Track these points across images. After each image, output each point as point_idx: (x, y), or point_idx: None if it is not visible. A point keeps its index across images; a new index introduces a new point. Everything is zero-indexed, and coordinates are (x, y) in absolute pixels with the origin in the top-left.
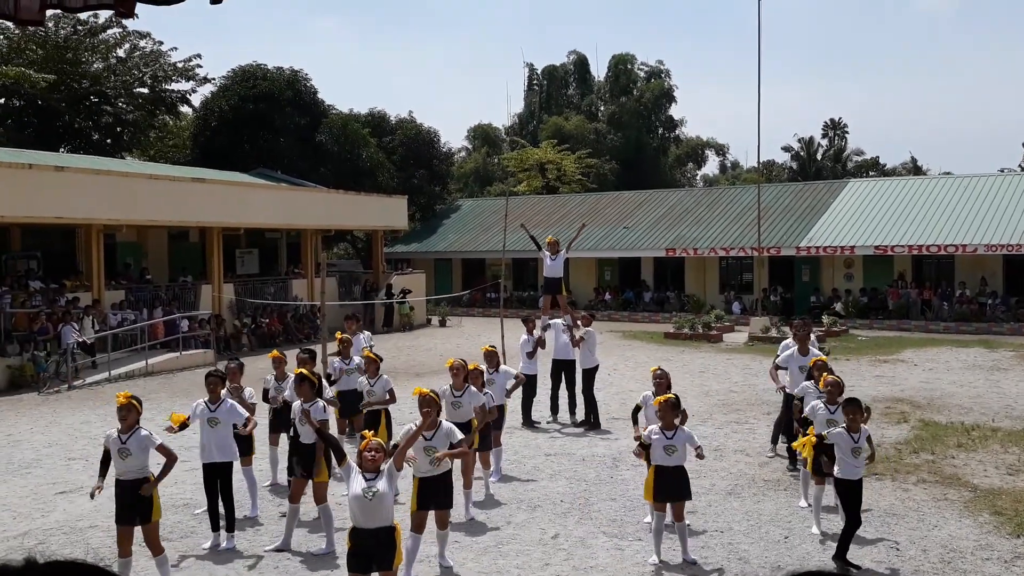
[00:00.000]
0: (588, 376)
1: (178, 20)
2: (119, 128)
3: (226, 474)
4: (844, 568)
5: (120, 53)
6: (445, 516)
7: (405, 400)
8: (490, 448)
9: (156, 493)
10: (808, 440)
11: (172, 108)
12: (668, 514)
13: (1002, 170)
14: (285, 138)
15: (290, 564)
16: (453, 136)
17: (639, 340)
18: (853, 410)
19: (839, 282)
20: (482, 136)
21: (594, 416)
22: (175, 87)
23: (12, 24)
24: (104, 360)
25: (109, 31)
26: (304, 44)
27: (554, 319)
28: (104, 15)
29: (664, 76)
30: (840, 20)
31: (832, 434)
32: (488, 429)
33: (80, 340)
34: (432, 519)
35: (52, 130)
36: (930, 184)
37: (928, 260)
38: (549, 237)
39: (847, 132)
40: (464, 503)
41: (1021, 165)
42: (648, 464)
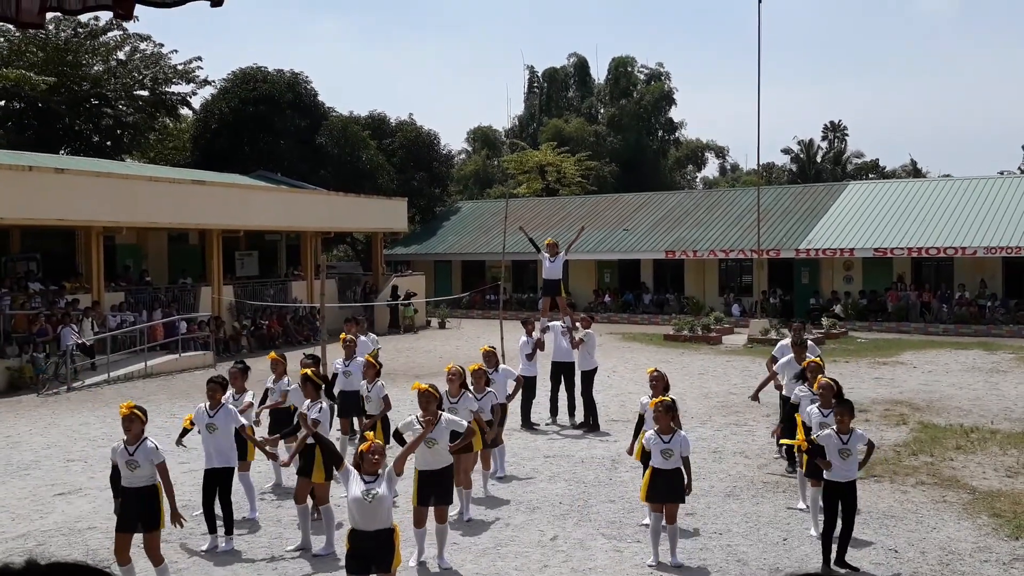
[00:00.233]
0: (587, 378)
1: (178, 22)
2: (119, 130)
3: (225, 479)
4: (847, 571)
5: (120, 55)
6: (444, 512)
7: (406, 401)
8: (490, 448)
9: (163, 498)
10: (799, 442)
11: (172, 110)
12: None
13: (1002, 172)
14: (285, 140)
15: (290, 564)
16: (453, 138)
17: (638, 342)
18: (842, 411)
19: (838, 284)
20: (482, 138)
21: (593, 418)
22: (175, 89)
23: (12, 26)
24: (103, 362)
25: (110, 34)
26: (304, 46)
27: (553, 321)
28: (104, 17)
29: (664, 78)
30: (840, 22)
31: (820, 436)
32: (489, 428)
33: (79, 342)
34: (431, 515)
35: (52, 132)
36: (930, 186)
37: (927, 262)
38: (548, 239)
39: (847, 134)
40: (462, 502)
41: (1021, 168)
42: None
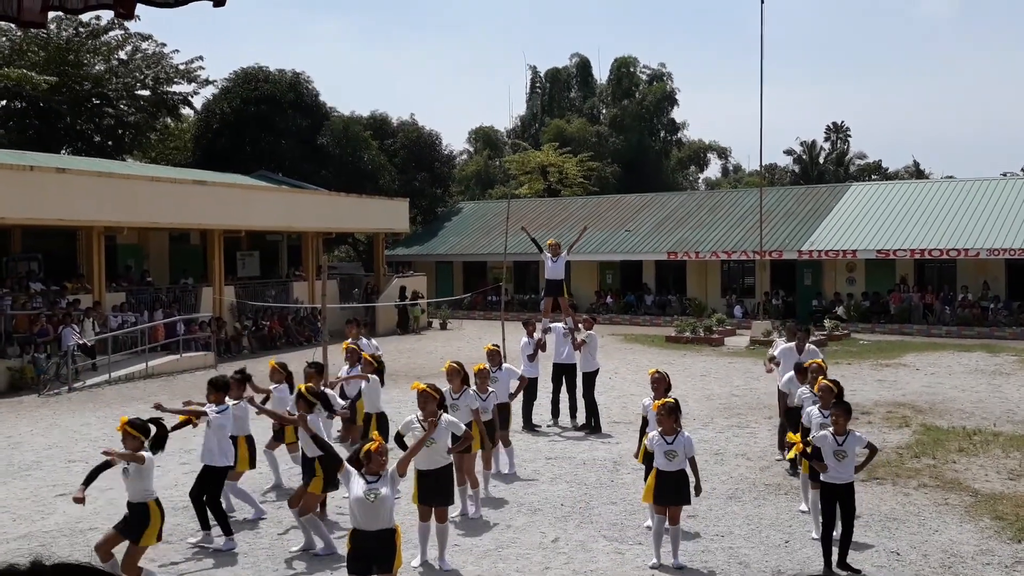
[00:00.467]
0: (589, 380)
1: (180, 22)
2: (120, 130)
3: (218, 479)
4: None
5: (122, 55)
6: (445, 512)
7: (406, 402)
8: (492, 447)
9: (157, 518)
10: (796, 447)
11: (174, 110)
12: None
13: (1005, 174)
14: (286, 140)
15: (292, 564)
16: (455, 139)
17: (640, 343)
18: (838, 413)
19: (841, 286)
20: (484, 139)
21: (595, 420)
22: (177, 89)
23: (14, 26)
24: (104, 362)
25: (111, 33)
26: (306, 46)
27: (555, 322)
28: (106, 17)
29: (666, 79)
30: (842, 24)
31: (816, 437)
32: (494, 428)
33: (80, 342)
34: (432, 514)
35: (54, 132)
36: (932, 188)
37: (930, 264)
38: (550, 240)
39: (849, 136)
40: (462, 501)
41: (1023, 169)
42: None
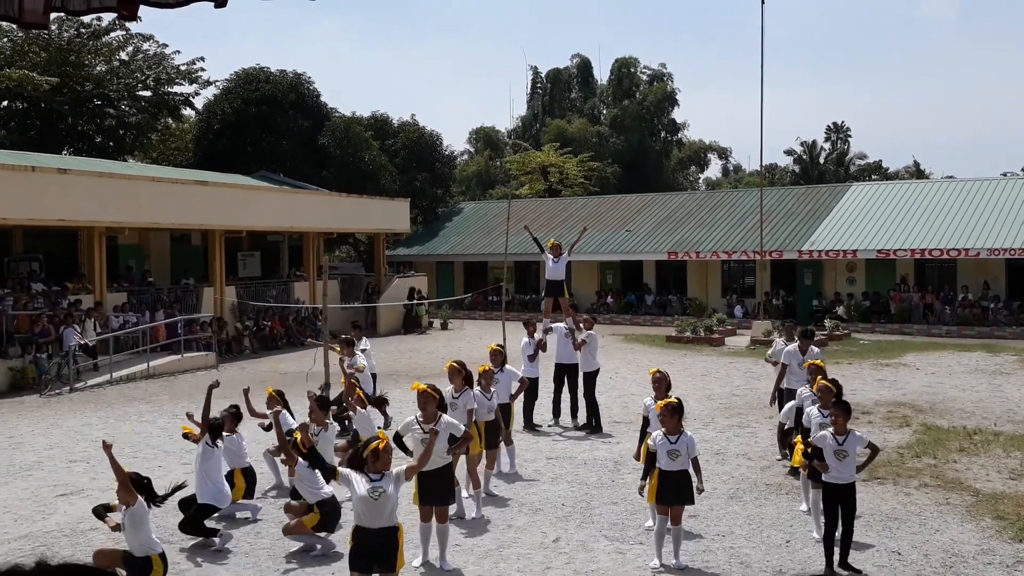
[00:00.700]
0: (589, 379)
1: (181, 23)
2: (122, 131)
3: (203, 512)
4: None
5: (123, 56)
6: (445, 512)
7: (407, 402)
8: (496, 447)
9: (159, 573)
10: (798, 449)
11: (175, 111)
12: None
13: (1005, 174)
14: (288, 141)
15: (292, 564)
16: (455, 139)
17: (641, 343)
18: (837, 412)
19: (841, 286)
20: (484, 139)
21: (595, 420)
22: (178, 90)
23: (16, 26)
24: (106, 362)
25: (112, 34)
26: (307, 47)
27: (556, 322)
28: (107, 18)
29: (667, 79)
30: (843, 24)
31: (816, 437)
32: (498, 428)
33: (82, 342)
34: (433, 514)
35: (55, 133)
36: (932, 188)
37: (930, 264)
38: (551, 240)
39: (850, 136)
40: (459, 504)
41: (1023, 169)
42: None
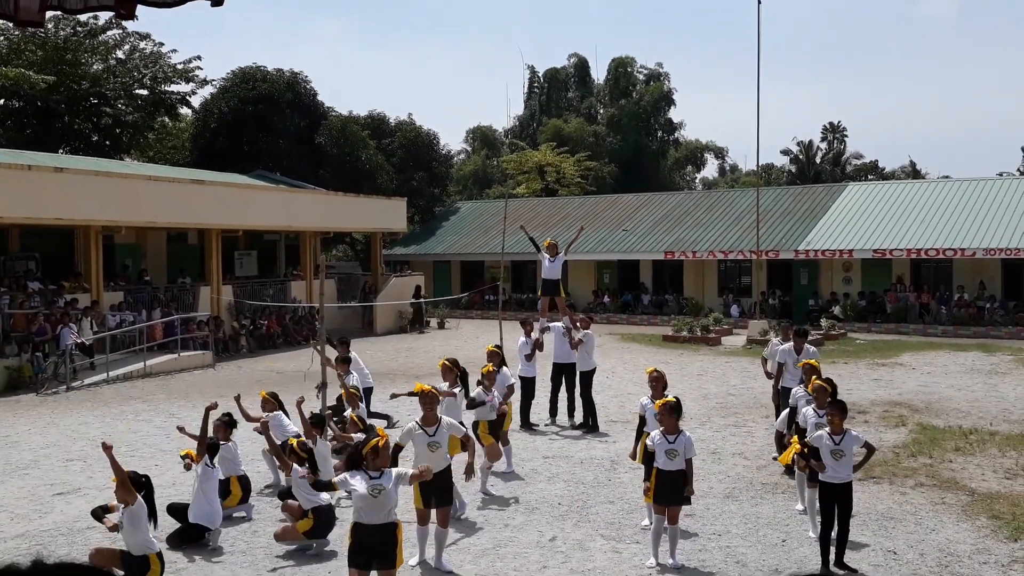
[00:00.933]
0: (586, 379)
1: (178, 21)
2: (118, 129)
3: (196, 534)
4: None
5: (120, 54)
6: (446, 513)
7: (402, 401)
8: (498, 439)
9: (156, 572)
10: (791, 449)
11: (171, 110)
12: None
13: (1001, 174)
14: (284, 140)
15: (288, 564)
16: (452, 138)
17: (637, 343)
18: (833, 412)
19: (837, 285)
20: (481, 138)
21: (592, 419)
22: (175, 89)
23: (12, 25)
24: (102, 361)
25: (109, 32)
26: (304, 46)
27: (553, 321)
28: (104, 16)
29: (663, 79)
30: (839, 24)
31: (813, 437)
32: (499, 427)
33: (78, 341)
34: (432, 515)
35: (51, 131)
36: (929, 188)
37: (926, 264)
38: (548, 239)
39: (846, 135)
40: (481, 479)
41: (1020, 169)
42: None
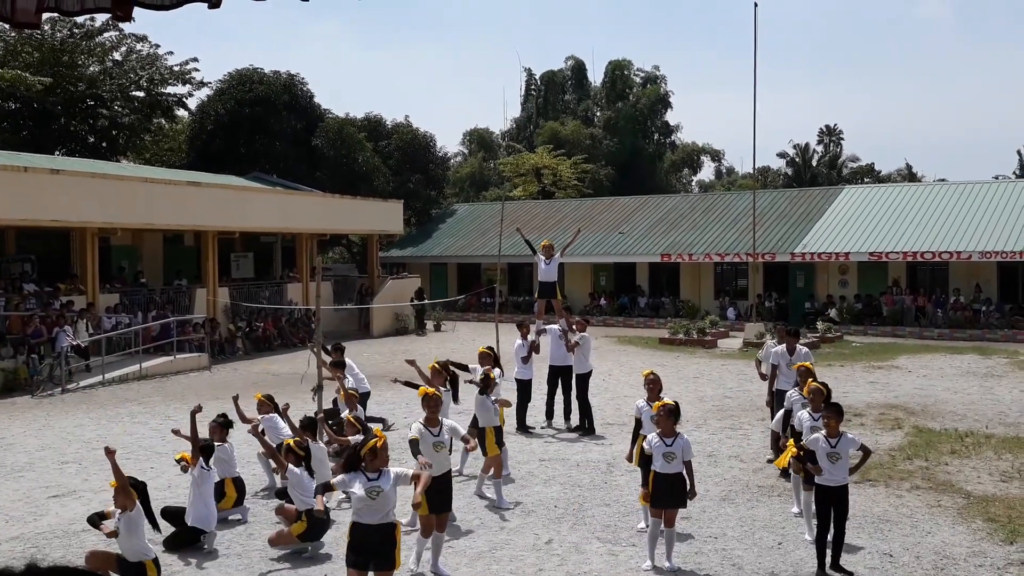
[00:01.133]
0: (582, 381)
1: (175, 23)
2: (115, 131)
3: (193, 537)
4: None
5: (116, 56)
6: (444, 520)
7: (399, 402)
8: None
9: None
10: (787, 453)
11: (168, 112)
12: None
13: (997, 177)
14: (281, 142)
15: (283, 567)
16: (449, 140)
17: (634, 345)
18: (829, 415)
19: (834, 288)
20: (478, 140)
21: (588, 421)
22: (171, 91)
23: (8, 26)
24: (98, 364)
25: (105, 34)
26: (300, 48)
27: (549, 324)
28: (101, 18)
29: (660, 82)
30: (836, 27)
31: (809, 440)
32: (500, 431)
33: (74, 343)
34: (431, 520)
35: (48, 133)
36: (925, 191)
37: (923, 267)
38: (544, 241)
39: (842, 139)
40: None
41: (1016, 172)
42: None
